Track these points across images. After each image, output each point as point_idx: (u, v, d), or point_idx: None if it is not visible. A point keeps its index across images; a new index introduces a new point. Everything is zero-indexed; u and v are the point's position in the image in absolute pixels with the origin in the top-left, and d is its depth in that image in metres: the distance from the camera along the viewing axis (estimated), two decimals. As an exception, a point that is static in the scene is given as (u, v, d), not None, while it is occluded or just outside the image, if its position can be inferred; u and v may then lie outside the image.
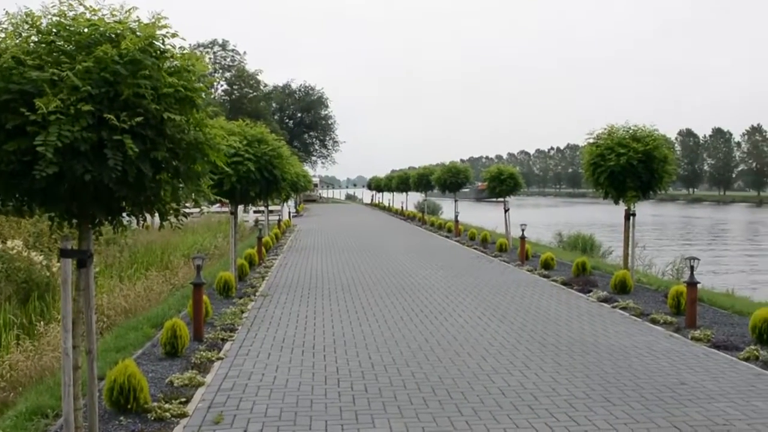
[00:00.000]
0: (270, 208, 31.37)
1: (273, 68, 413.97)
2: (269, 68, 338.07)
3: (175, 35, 5.49)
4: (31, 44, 5.24)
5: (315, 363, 9.40)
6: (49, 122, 4.82)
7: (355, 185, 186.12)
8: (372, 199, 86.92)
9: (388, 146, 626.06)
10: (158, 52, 5.41)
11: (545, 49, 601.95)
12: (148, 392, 7.43)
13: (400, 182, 53.55)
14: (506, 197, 26.32)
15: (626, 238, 15.91)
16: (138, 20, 5.44)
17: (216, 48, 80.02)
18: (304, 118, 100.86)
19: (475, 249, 25.97)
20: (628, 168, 14.82)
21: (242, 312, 12.91)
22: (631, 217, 15.62)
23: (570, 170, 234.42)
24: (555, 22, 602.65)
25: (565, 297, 14.91)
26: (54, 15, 5.31)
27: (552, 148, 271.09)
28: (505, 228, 25.83)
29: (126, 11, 5.43)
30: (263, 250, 22.63)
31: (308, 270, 19.82)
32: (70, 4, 5.33)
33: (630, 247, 15.88)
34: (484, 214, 53.38)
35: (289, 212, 47.82)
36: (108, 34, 5.28)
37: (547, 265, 19.41)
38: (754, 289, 23.51)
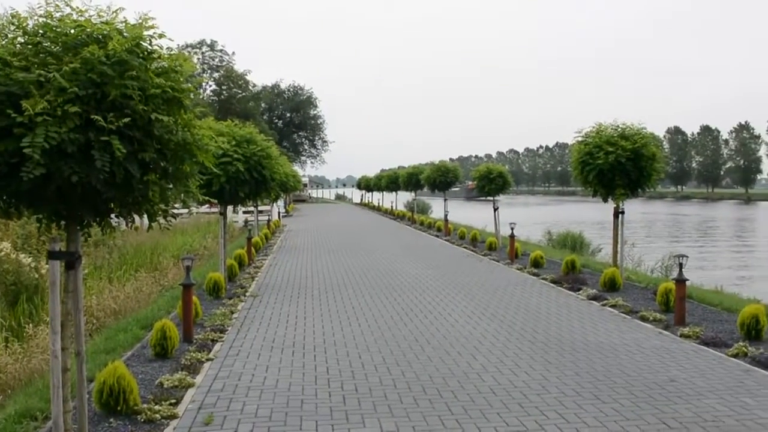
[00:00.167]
0: (259, 208, 31.35)
1: (262, 68, 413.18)
2: (258, 68, 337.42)
3: (162, 36, 5.48)
4: (18, 45, 5.21)
5: (305, 363, 9.39)
6: (36, 124, 4.80)
7: (344, 185, 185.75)
8: (362, 199, 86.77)
9: (378, 145, 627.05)
10: (145, 52, 5.39)
11: (534, 49, 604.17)
12: (137, 394, 7.41)
13: (390, 182, 53.48)
14: (495, 196, 26.35)
15: (615, 236, 15.97)
16: (125, 21, 5.41)
17: (204, 48, 79.80)
18: (294, 118, 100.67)
19: (465, 248, 26.02)
20: (616, 166, 14.88)
21: (232, 312, 12.89)
22: (620, 215, 15.68)
23: (559, 168, 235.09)
24: (545, 22, 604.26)
25: (555, 295, 14.95)
26: (40, 16, 5.27)
27: (541, 147, 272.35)
28: (495, 227, 25.86)
29: (113, 12, 5.40)
30: (253, 250, 22.60)
31: (298, 270, 19.80)
32: (57, 5, 5.30)
33: (619, 245, 15.94)
34: (474, 213, 53.41)
35: (279, 212, 47.77)
36: (95, 35, 5.25)
37: (536, 264, 19.46)
38: (742, 286, 23.67)
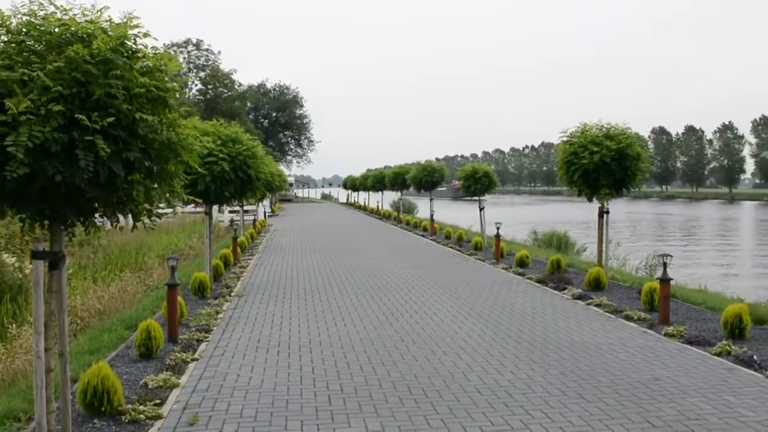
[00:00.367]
0: (245, 208, 31.29)
1: (247, 68, 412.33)
2: (244, 68, 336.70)
3: (147, 35, 5.45)
4: (1, 44, 5.18)
5: (290, 363, 9.38)
6: (20, 123, 4.76)
7: (330, 184, 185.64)
8: (348, 199, 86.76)
9: (364, 145, 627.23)
10: (130, 51, 5.37)
11: (520, 48, 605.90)
12: (122, 394, 7.37)
13: (376, 181, 53.43)
14: (481, 196, 26.40)
15: (600, 236, 16.04)
16: (110, 20, 5.39)
17: (190, 47, 79.48)
18: (279, 118, 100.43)
19: (451, 247, 26.08)
20: (601, 166, 14.95)
21: (217, 313, 12.86)
22: (605, 215, 15.76)
23: (545, 168, 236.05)
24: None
25: (540, 294, 15.00)
26: (24, 14, 5.24)
27: (527, 147, 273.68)
28: (481, 226, 25.90)
29: (97, 11, 5.38)
30: (238, 250, 22.54)
31: (284, 270, 19.78)
32: (41, 4, 5.26)
33: (604, 244, 16.02)
34: (460, 213, 53.46)
35: (265, 212, 47.65)
36: (79, 34, 5.22)
37: (522, 263, 19.52)
38: (726, 284, 23.83)
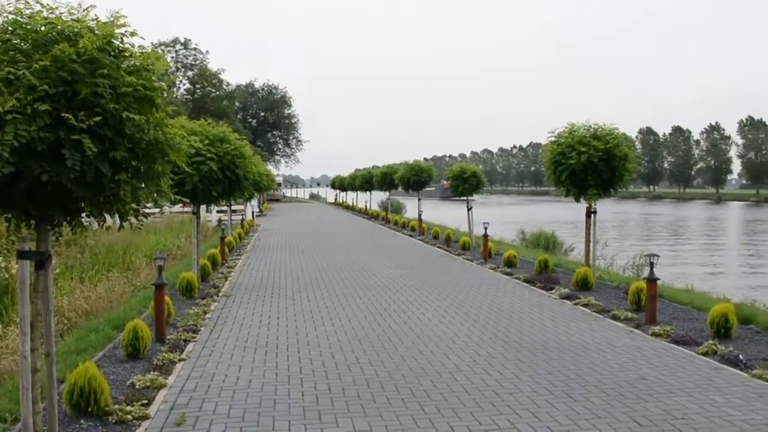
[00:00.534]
0: (233, 207, 31.21)
1: (236, 67, 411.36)
2: (232, 67, 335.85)
3: (134, 34, 5.44)
4: (-14, 43, 5.15)
5: (278, 363, 9.37)
6: (6, 122, 4.75)
7: (318, 184, 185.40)
8: (336, 199, 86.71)
9: (352, 145, 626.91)
10: (117, 50, 5.35)
11: (511, 48, 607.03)
12: (109, 395, 7.34)
13: (364, 181, 53.42)
14: (469, 196, 26.44)
15: (588, 236, 16.09)
16: (96, 19, 5.37)
17: (178, 47, 79.03)
18: (268, 118, 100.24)
19: (439, 247, 26.10)
20: (589, 166, 14.99)
21: (205, 313, 12.83)
22: (593, 215, 15.81)
23: (533, 168, 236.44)
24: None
25: (528, 294, 15.04)
26: (10, 13, 5.21)
27: (515, 147, 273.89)
28: (468, 226, 25.94)
29: (84, 10, 5.36)
30: (226, 250, 22.52)
31: (271, 270, 19.75)
32: (27, 2, 5.24)
33: (591, 244, 16.07)
34: (448, 213, 53.58)
35: (253, 212, 47.59)
36: (65, 33, 5.20)
37: (509, 263, 19.55)
38: (712, 283, 23.95)
